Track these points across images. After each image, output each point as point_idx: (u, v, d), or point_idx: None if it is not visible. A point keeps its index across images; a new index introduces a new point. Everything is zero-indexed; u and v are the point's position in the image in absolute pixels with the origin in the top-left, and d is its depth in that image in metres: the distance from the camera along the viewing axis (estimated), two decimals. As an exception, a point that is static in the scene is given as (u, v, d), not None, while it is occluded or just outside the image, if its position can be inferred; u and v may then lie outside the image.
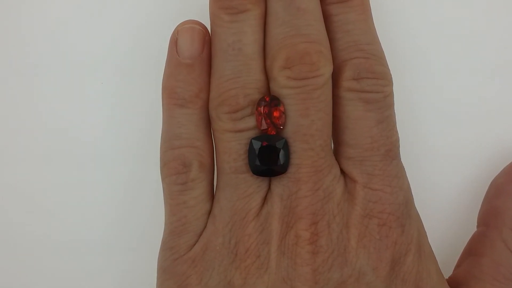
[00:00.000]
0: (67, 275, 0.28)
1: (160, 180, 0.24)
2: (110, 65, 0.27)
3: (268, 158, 0.22)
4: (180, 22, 0.24)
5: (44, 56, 0.27)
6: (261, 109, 0.22)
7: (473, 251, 0.24)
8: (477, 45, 0.27)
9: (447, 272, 0.25)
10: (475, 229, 0.25)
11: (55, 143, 0.27)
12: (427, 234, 0.24)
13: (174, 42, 0.24)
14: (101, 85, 0.27)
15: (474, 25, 0.27)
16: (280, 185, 0.23)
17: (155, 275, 0.24)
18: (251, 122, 0.23)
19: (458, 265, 0.25)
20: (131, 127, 0.27)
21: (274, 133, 0.23)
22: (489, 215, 0.25)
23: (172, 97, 0.24)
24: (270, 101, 0.23)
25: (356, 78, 0.23)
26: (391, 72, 0.23)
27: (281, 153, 0.22)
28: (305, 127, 0.23)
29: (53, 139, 0.27)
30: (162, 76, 0.24)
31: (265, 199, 0.23)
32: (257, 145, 0.23)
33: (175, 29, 0.24)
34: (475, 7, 0.27)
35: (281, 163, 0.22)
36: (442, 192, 0.27)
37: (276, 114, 0.23)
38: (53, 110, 0.27)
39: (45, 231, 0.27)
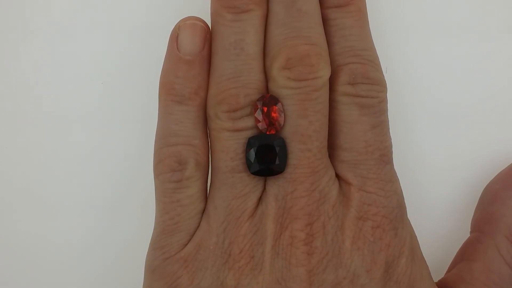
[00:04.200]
0: (56, 274, 0.27)
1: (152, 179, 0.24)
2: (108, 64, 0.27)
3: (266, 157, 0.22)
4: (179, 20, 0.24)
5: (42, 55, 0.27)
6: (260, 108, 0.22)
7: (465, 256, 0.25)
8: (472, 51, 0.27)
9: (439, 277, 0.25)
10: (467, 234, 0.25)
11: (50, 141, 0.27)
12: (420, 239, 0.24)
13: (175, 38, 0.23)
14: (94, 83, 0.27)
15: (468, 28, 0.27)
16: (275, 186, 0.23)
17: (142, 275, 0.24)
18: (250, 121, 0.23)
19: (449, 269, 0.25)
20: (126, 124, 0.27)
21: (273, 132, 0.23)
22: (484, 221, 0.25)
23: (170, 93, 0.23)
24: (269, 100, 0.23)
25: (351, 83, 0.23)
26: (385, 76, 0.24)
27: (279, 152, 0.22)
28: (303, 128, 0.23)
29: (50, 137, 0.27)
30: (160, 72, 0.24)
31: (260, 199, 0.23)
32: (255, 144, 0.22)
33: (176, 25, 0.23)
34: (471, 7, 0.27)
35: (279, 163, 0.22)
36: (435, 198, 0.27)
37: (274, 114, 0.23)
38: (50, 109, 0.27)
39: (37, 229, 0.27)
